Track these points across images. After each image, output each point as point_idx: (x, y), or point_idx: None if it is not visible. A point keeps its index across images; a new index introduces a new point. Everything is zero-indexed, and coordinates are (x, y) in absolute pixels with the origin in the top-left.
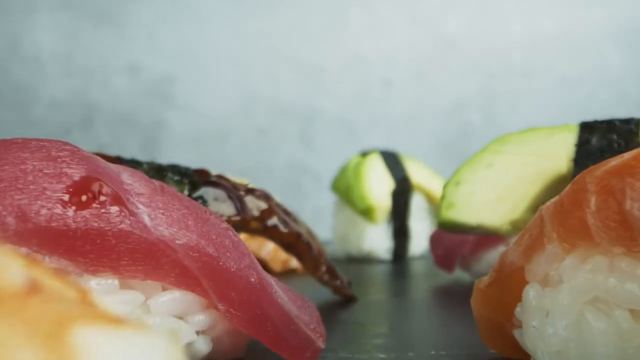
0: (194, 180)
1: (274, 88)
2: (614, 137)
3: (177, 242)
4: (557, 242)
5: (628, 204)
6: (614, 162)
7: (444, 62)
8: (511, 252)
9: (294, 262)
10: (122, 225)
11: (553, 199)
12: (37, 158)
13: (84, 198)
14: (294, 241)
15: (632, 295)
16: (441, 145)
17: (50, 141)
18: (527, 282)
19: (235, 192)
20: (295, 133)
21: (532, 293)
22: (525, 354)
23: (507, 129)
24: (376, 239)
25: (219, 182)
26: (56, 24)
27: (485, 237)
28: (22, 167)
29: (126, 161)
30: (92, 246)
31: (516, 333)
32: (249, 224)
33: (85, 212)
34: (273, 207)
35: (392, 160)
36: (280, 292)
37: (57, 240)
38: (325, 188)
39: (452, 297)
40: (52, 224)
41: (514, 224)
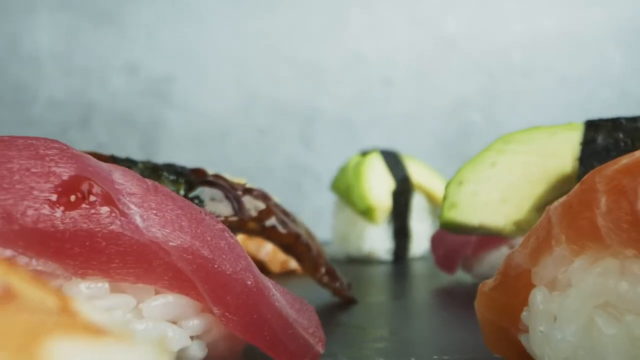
0: (191, 179)
1: (274, 88)
2: (620, 135)
3: (171, 243)
4: (565, 244)
5: None
6: (624, 160)
7: (444, 62)
8: (517, 255)
9: (293, 263)
10: (113, 227)
11: (561, 199)
12: (24, 156)
13: (72, 198)
14: (293, 242)
15: None
16: (441, 145)
17: (38, 139)
18: (533, 286)
19: (232, 192)
20: (295, 133)
21: (539, 297)
22: None
23: (507, 129)
24: (376, 240)
25: (216, 181)
26: (55, 23)
27: (488, 237)
28: (8, 165)
29: (121, 160)
30: (81, 248)
31: (522, 338)
32: (246, 225)
33: (74, 213)
34: (271, 208)
35: (393, 160)
36: (277, 296)
37: (44, 242)
38: (325, 188)
39: (454, 299)
40: (39, 225)
41: (518, 225)
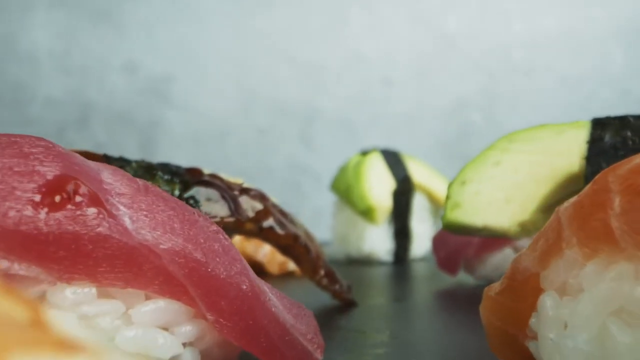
0: (186, 179)
1: (274, 87)
2: (628, 133)
3: (161, 246)
4: (576, 247)
5: None
6: (639, 159)
7: (444, 62)
8: (525, 258)
9: (292, 265)
10: (100, 229)
11: (571, 200)
12: (7, 155)
13: (57, 198)
14: (291, 243)
15: None
16: (441, 145)
17: (23, 137)
18: (542, 290)
19: (229, 192)
20: (294, 133)
21: (548, 302)
22: None
23: (507, 129)
24: (377, 240)
25: (212, 181)
26: (53, 22)
27: (491, 238)
28: None
29: (114, 159)
30: (66, 252)
31: (530, 345)
32: (243, 226)
33: (58, 214)
34: (269, 208)
35: (393, 159)
36: (274, 300)
37: (26, 245)
38: (325, 188)
39: (456, 301)
40: (21, 227)
41: (523, 226)
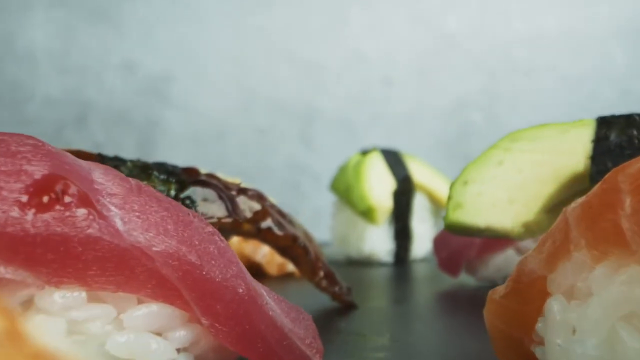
0: (182, 179)
1: (273, 87)
2: (634, 132)
3: (154, 248)
4: (585, 249)
5: None
6: None
7: (444, 61)
8: (531, 260)
9: (292, 266)
10: (90, 230)
11: (579, 200)
12: None
13: (45, 199)
14: (290, 245)
15: None
16: (442, 145)
17: (11, 135)
18: (549, 294)
19: (226, 192)
20: (294, 132)
21: (556, 306)
22: None
23: (508, 129)
24: (377, 241)
25: (208, 181)
26: (51, 21)
27: (493, 239)
28: None
29: (109, 159)
30: (54, 254)
31: (537, 350)
32: (241, 226)
33: (46, 216)
34: (267, 208)
35: (394, 159)
36: (272, 304)
37: (13, 247)
38: (324, 188)
39: (458, 303)
40: (7, 229)
41: (527, 226)
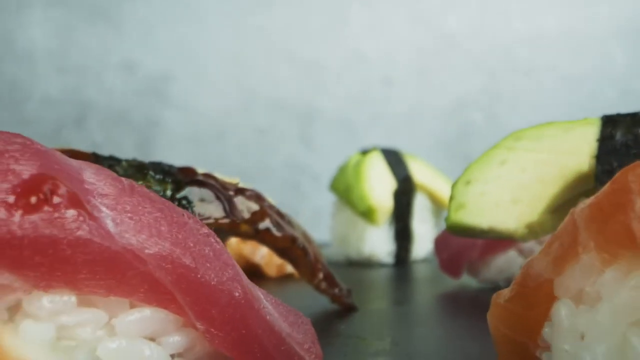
0: (179, 179)
1: (273, 86)
2: None
3: (147, 251)
4: (594, 251)
5: None
6: None
7: (444, 61)
8: (537, 263)
9: (291, 267)
10: (80, 232)
11: (587, 201)
12: None
13: (33, 200)
14: (289, 246)
15: None
16: (442, 145)
17: (0, 133)
18: (556, 298)
19: (223, 192)
20: (294, 132)
21: (563, 311)
22: None
23: (508, 128)
24: (377, 242)
25: (205, 181)
26: (50, 20)
27: (496, 240)
28: None
29: (103, 158)
30: (42, 257)
31: (543, 356)
32: (238, 227)
33: (34, 217)
34: (265, 209)
35: (394, 159)
36: (269, 308)
37: None
38: (324, 188)
39: (460, 305)
40: None
41: (530, 227)
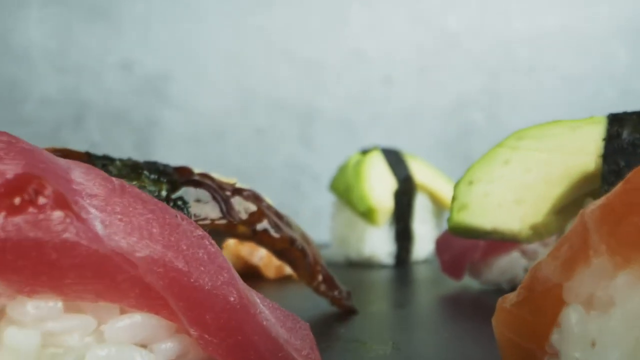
0: (174, 179)
1: (273, 86)
2: None
3: (137, 254)
4: (606, 255)
5: None
6: None
7: (445, 60)
8: (545, 266)
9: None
10: (67, 235)
11: (598, 202)
12: None
13: (17, 201)
14: (287, 247)
15: None
16: (442, 145)
17: None
18: (565, 303)
19: (220, 192)
20: (294, 132)
21: (573, 317)
22: None
23: (509, 128)
24: (377, 243)
25: (202, 181)
26: (48, 18)
27: (498, 241)
28: None
29: (97, 157)
30: (26, 261)
31: None
32: (236, 229)
33: (18, 219)
34: (263, 210)
35: (395, 159)
36: (266, 313)
37: None
38: (324, 188)
39: (462, 308)
40: None
41: (535, 229)
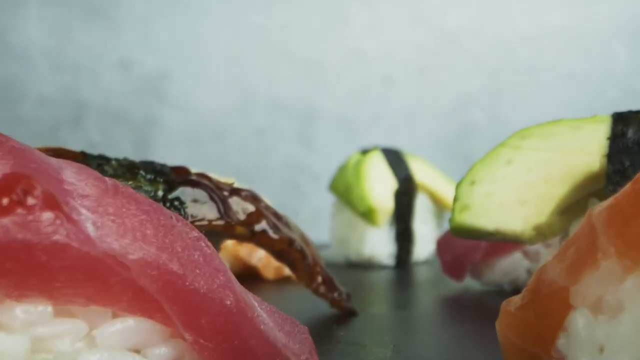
0: (171, 179)
1: (272, 86)
2: None
3: (130, 256)
4: (615, 257)
5: None
6: None
7: (445, 60)
8: (551, 269)
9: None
10: (57, 237)
11: (605, 202)
12: None
13: (5, 201)
14: (286, 248)
15: None
16: (443, 145)
17: None
18: (572, 307)
19: (218, 192)
20: (293, 132)
21: (580, 321)
22: None
23: (510, 128)
24: (378, 243)
25: (199, 181)
26: (45, 17)
27: (500, 242)
28: None
29: (93, 157)
30: (15, 264)
31: None
32: (233, 229)
33: (6, 220)
34: (261, 210)
35: (395, 158)
36: (263, 316)
37: None
38: (324, 188)
39: (463, 309)
40: None
41: (538, 229)
